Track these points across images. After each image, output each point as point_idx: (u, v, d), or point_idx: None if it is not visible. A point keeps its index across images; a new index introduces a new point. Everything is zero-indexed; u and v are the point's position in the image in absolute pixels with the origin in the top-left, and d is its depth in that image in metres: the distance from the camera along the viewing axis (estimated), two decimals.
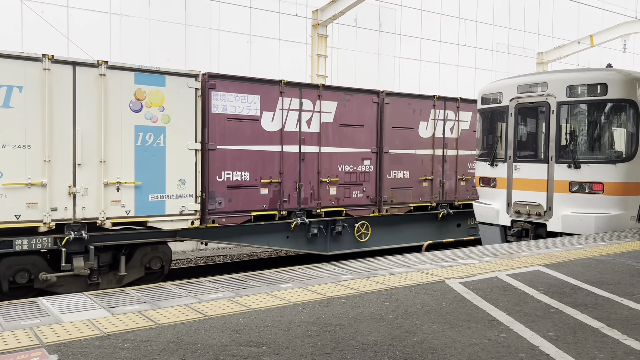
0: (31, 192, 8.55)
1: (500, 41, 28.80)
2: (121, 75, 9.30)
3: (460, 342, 3.80)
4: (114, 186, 9.24)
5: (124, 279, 9.61)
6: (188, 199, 9.95)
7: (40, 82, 8.58)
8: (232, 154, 10.52)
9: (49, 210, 8.70)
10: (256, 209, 10.85)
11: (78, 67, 8.96)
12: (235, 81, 10.80)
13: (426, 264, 6.44)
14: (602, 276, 5.93)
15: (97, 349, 3.51)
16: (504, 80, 11.46)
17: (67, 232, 8.88)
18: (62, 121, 8.83)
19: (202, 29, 20.15)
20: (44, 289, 8.87)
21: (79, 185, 8.96)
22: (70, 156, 8.90)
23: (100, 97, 9.09)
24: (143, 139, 9.50)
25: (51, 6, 16.99)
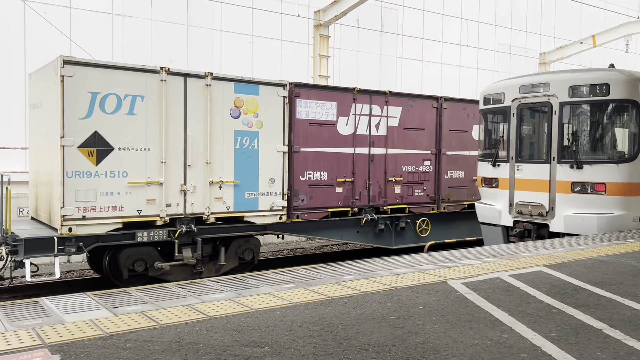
0: (150, 190, 9.55)
1: (502, 41, 28.77)
2: (223, 85, 10.36)
3: (462, 343, 3.79)
4: (217, 185, 10.28)
5: (222, 268, 10.58)
6: (277, 196, 11.06)
7: (158, 91, 9.60)
8: (313, 155, 11.63)
9: (165, 206, 9.69)
10: (332, 206, 11.97)
11: (188, 78, 9.99)
12: (316, 89, 11.92)
13: (428, 265, 6.44)
14: (604, 277, 5.92)
15: (99, 349, 3.52)
16: (506, 81, 11.44)
17: (178, 225, 9.87)
18: (175, 126, 9.84)
19: (204, 29, 20.17)
20: (157, 276, 9.78)
21: (189, 184, 9.97)
22: (181, 158, 9.92)
23: (206, 105, 10.13)
24: (241, 143, 10.57)
25: (54, 7, 17.02)
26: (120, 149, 9.23)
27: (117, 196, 9.22)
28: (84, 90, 8.94)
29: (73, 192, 8.86)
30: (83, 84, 8.92)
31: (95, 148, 9.04)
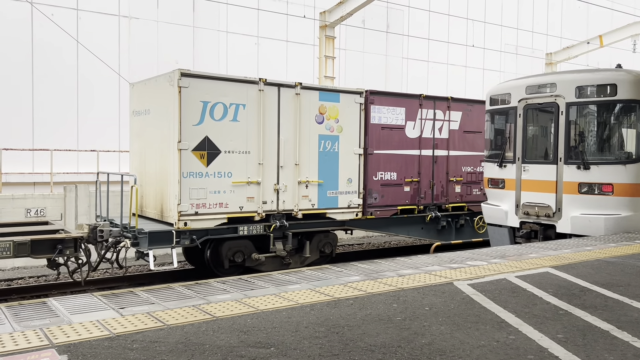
0: (250, 189, 10.71)
1: (508, 42, 28.68)
2: (310, 94, 11.46)
3: (469, 344, 3.78)
4: (304, 184, 11.42)
5: (306, 260, 11.71)
6: (353, 195, 12.16)
7: (257, 100, 10.73)
8: (384, 157, 12.68)
9: (261, 203, 10.86)
10: (401, 204, 13.01)
11: (282, 88, 11.08)
12: (387, 96, 12.86)
13: (434, 266, 6.42)
14: (611, 278, 5.89)
15: (106, 349, 3.53)
16: (512, 81, 11.40)
17: (272, 221, 11.03)
18: (270, 131, 10.94)
19: (210, 30, 20.22)
20: (252, 267, 10.89)
21: (281, 183, 11.11)
22: (275, 160, 11.04)
23: (295, 112, 11.25)
24: (324, 146, 11.72)
25: (61, 9, 17.11)
26: (226, 152, 10.38)
27: (223, 194, 10.36)
28: (197, 100, 10.03)
29: (188, 191, 9.95)
30: (196, 94, 10.00)
31: (206, 151, 10.16)
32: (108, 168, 17.27)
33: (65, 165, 16.82)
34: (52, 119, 17.01)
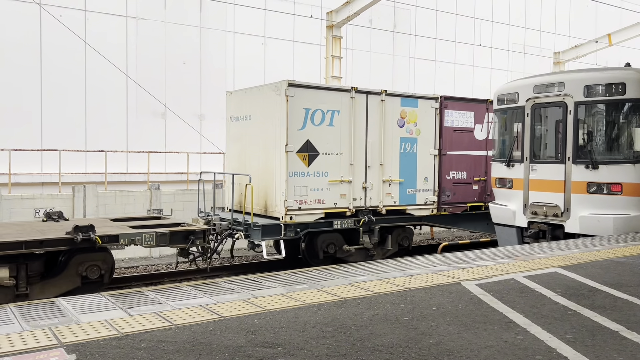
0: (342, 187, 11.75)
1: (516, 41, 28.55)
2: (393, 100, 12.48)
3: (477, 344, 3.77)
4: (387, 182, 12.44)
5: (388, 252, 12.67)
6: (429, 192, 13.11)
7: (348, 107, 11.79)
8: (456, 158, 13.52)
9: (352, 200, 11.89)
10: (470, 201, 13.83)
11: (369, 95, 12.13)
12: (459, 101, 13.68)
13: (442, 266, 6.41)
14: (621, 278, 5.85)
15: (114, 349, 3.54)
16: (520, 81, 11.36)
17: (361, 216, 12.03)
18: (359, 135, 11.97)
19: (218, 31, 20.25)
20: (342, 257, 11.85)
21: (368, 182, 12.15)
22: (363, 160, 12.08)
23: (380, 117, 12.28)
24: (404, 148, 12.70)
25: (69, 10, 17.19)
26: (324, 153, 11.46)
27: (321, 192, 11.45)
28: (301, 107, 11.10)
29: (293, 189, 11.05)
30: (300, 102, 11.07)
31: (307, 153, 11.23)
32: (115, 168, 17.37)
33: (74, 165, 16.90)
34: (60, 120, 17.10)
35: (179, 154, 18.33)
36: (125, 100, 18.19)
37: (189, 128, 17.23)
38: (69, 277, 8.57)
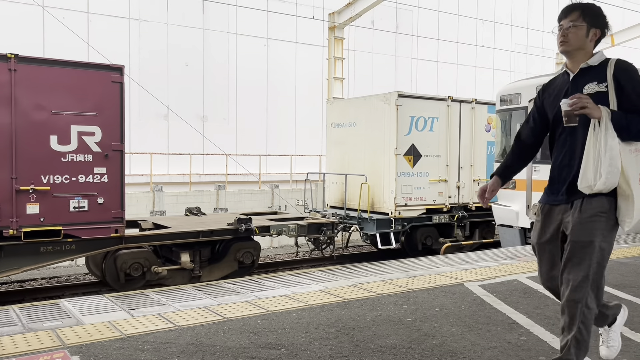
0: (440, 185, 13.05)
1: (518, 41, 28.53)
2: (481, 107, 13.74)
3: (480, 345, 3.76)
4: (477, 182, 13.59)
5: (474, 245, 13.51)
6: None
7: (445, 114, 13.05)
8: None
9: (447, 197, 13.21)
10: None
11: (462, 103, 13.40)
12: None
13: (445, 267, 6.40)
14: (624, 279, 5.83)
15: (117, 350, 3.55)
16: (522, 81, 11.34)
17: (455, 212, 13.31)
18: (453, 139, 13.21)
19: (220, 32, 20.28)
20: (436, 249, 12.76)
21: (461, 181, 13.42)
22: (457, 161, 13.34)
23: (471, 122, 13.52)
24: (490, 150, 13.76)
25: (72, 12, 17.24)
26: (425, 156, 12.73)
27: (422, 190, 12.76)
28: (407, 115, 12.42)
29: (400, 187, 12.40)
30: (406, 110, 12.40)
31: (412, 155, 12.55)
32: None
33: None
34: None
35: (181, 155, 18.36)
36: (127, 102, 18.23)
37: (192, 130, 17.26)
38: (230, 262, 9.85)
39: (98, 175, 7.88)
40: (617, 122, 2.70)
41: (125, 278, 8.59)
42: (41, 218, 7.46)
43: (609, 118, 2.69)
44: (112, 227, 8.01)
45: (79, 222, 7.73)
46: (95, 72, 7.91)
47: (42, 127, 7.47)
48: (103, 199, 7.89)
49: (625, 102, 2.79)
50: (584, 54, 2.96)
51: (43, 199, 7.46)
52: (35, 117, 7.44)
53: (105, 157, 7.89)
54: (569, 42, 2.93)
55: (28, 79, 7.41)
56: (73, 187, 7.69)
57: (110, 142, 8.01)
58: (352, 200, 13.20)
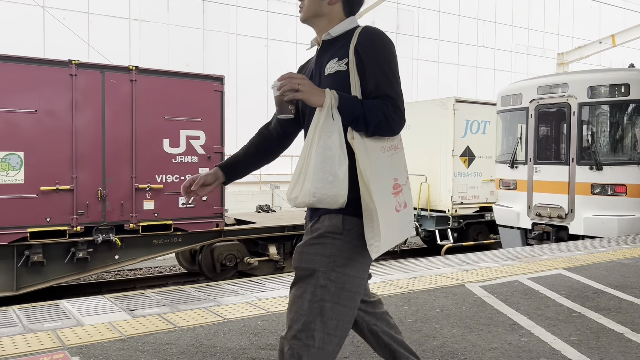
0: (491, 185, 13.58)
1: (519, 42, 28.52)
2: None
3: (481, 347, 3.76)
4: None
5: None
6: None
7: (494, 119, 12.87)
8: None
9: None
10: None
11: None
12: None
13: (445, 268, 6.39)
14: (625, 280, 5.82)
15: (117, 351, 3.54)
16: (523, 82, 11.34)
17: None
18: None
19: (220, 33, 20.29)
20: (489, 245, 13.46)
21: None
22: None
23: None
24: None
25: (72, 13, 17.26)
26: (479, 157, 13.47)
27: (476, 189, 13.46)
28: (463, 119, 13.16)
29: (457, 186, 13.10)
30: (462, 115, 13.13)
31: (467, 157, 13.32)
32: None
33: None
34: None
35: None
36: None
37: None
38: None
39: None
40: (348, 111, 1.99)
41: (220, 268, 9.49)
42: (155, 213, 8.37)
43: (335, 106, 1.98)
44: (213, 221, 8.96)
45: (186, 217, 8.67)
46: (200, 81, 8.78)
47: (156, 132, 8.34)
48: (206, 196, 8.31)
49: (369, 82, 2.10)
50: (326, 22, 2.25)
51: (157, 196, 8.38)
52: (150, 123, 8.30)
53: (208, 158, 8.85)
54: (304, 7, 2.29)
55: (145, 89, 8.23)
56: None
57: (212, 144, 8.94)
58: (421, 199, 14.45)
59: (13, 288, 7.69)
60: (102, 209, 7.99)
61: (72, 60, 7.81)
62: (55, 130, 7.66)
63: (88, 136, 7.87)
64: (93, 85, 7.86)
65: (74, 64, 7.77)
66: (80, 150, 7.79)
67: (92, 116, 7.88)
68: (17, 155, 7.45)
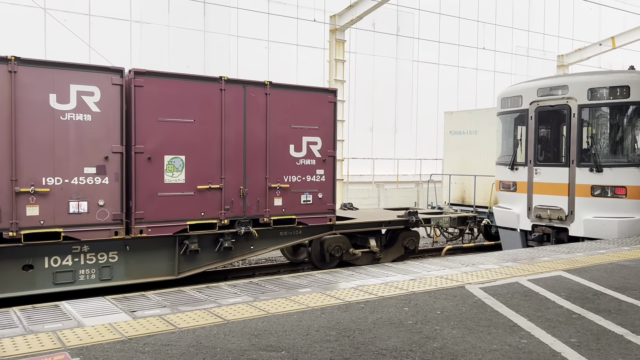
0: None
1: (519, 44, 28.54)
2: None
3: (481, 348, 3.76)
4: None
5: None
6: None
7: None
8: None
9: None
10: None
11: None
12: None
13: (446, 269, 6.39)
14: (625, 281, 5.83)
15: (118, 352, 3.55)
16: (523, 84, 11.34)
17: None
18: None
19: (221, 35, 20.31)
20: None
21: None
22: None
23: None
24: None
25: (73, 14, 17.28)
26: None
27: None
28: None
29: None
30: None
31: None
32: None
33: None
34: None
35: None
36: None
37: None
38: (398, 247, 11.32)
39: (319, 176, 10.00)
40: None
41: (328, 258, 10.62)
42: (283, 209, 9.55)
43: None
44: (327, 216, 10.08)
45: (306, 213, 9.85)
46: (318, 94, 10.03)
47: (284, 138, 9.54)
48: (322, 194, 10.00)
49: None
50: None
51: (284, 194, 9.59)
52: (280, 130, 9.47)
53: (323, 161, 10.01)
54: None
55: (276, 101, 9.42)
56: (303, 185, 9.82)
57: (327, 149, 10.06)
58: (470, 199, 15.19)
59: (175, 272, 8.84)
60: (243, 205, 9.22)
61: (222, 77, 9.02)
62: (209, 138, 8.81)
63: (233, 142, 9.06)
64: (237, 98, 9.10)
65: (224, 80, 8.98)
66: (227, 154, 8.98)
67: (236, 125, 9.10)
68: (180, 158, 8.57)
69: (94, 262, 8.09)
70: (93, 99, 7.80)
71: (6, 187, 7.20)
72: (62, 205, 7.54)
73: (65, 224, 7.57)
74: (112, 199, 7.90)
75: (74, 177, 7.65)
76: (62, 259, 7.83)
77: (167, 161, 8.42)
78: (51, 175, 7.47)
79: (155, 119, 8.27)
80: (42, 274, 7.71)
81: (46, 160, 7.45)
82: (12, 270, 7.51)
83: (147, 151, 8.19)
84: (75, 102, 7.61)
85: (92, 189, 7.76)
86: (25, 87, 7.34)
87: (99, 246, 8.05)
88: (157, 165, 8.32)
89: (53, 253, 7.75)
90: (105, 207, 7.85)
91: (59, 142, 7.52)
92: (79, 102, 7.64)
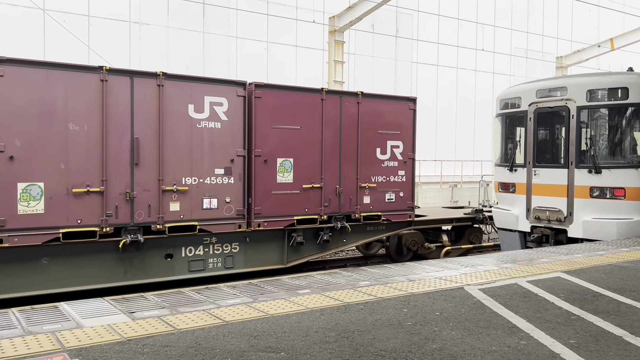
0: None
1: (518, 45, 28.57)
2: None
3: (480, 349, 3.76)
4: None
5: None
6: None
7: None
8: None
9: None
10: None
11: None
12: None
13: (445, 270, 6.40)
14: (624, 283, 5.83)
15: (117, 353, 3.55)
16: (522, 85, 11.35)
17: None
18: None
19: (220, 36, 20.31)
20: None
21: None
22: None
23: None
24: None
25: (73, 15, 17.27)
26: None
27: None
28: None
29: None
30: None
31: None
32: None
33: None
34: None
35: None
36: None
37: None
38: (464, 242, 12.53)
39: (400, 176, 11.04)
40: None
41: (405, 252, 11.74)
42: (370, 206, 10.62)
43: None
44: (407, 213, 11.17)
45: (390, 210, 10.92)
46: (401, 102, 11.08)
47: (372, 142, 10.61)
48: (403, 193, 11.05)
49: None
50: None
51: (372, 193, 10.67)
52: (368, 135, 10.57)
53: (404, 163, 11.05)
54: None
55: (366, 108, 10.53)
56: (387, 185, 10.88)
57: (407, 152, 11.09)
58: None
59: (284, 262, 9.94)
60: (338, 202, 10.31)
61: (323, 88, 10.11)
62: (312, 142, 9.94)
63: (331, 146, 10.15)
64: (334, 107, 10.20)
65: (324, 91, 10.07)
66: (326, 157, 10.08)
67: (334, 131, 10.19)
68: (289, 161, 9.68)
69: (220, 252, 9.27)
70: (222, 108, 8.93)
71: (154, 186, 8.33)
72: (197, 201, 8.71)
73: (200, 218, 8.73)
74: (237, 197, 9.10)
75: (207, 177, 8.80)
76: (195, 249, 9.02)
77: (279, 163, 9.59)
78: (189, 175, 8.62)
79: (270, 126, 9.44)
80: (180, 262, 8.86)
81: (185, 162, 8.57)
82: (156, 258, 8.64)
83: (264, 154, 9.39)
84: (208, 111, 8.74)
85: (220, 187, 8.94)
86: (170, 99, 8.43)
87: (225, 238, 9.19)
88: (271, 167, 9.50)
89: (189, 244, 8.92)
90: (231, 204, 9.04)
91: (195, 146, 8.64)
92: (211, 111, 8.78)
